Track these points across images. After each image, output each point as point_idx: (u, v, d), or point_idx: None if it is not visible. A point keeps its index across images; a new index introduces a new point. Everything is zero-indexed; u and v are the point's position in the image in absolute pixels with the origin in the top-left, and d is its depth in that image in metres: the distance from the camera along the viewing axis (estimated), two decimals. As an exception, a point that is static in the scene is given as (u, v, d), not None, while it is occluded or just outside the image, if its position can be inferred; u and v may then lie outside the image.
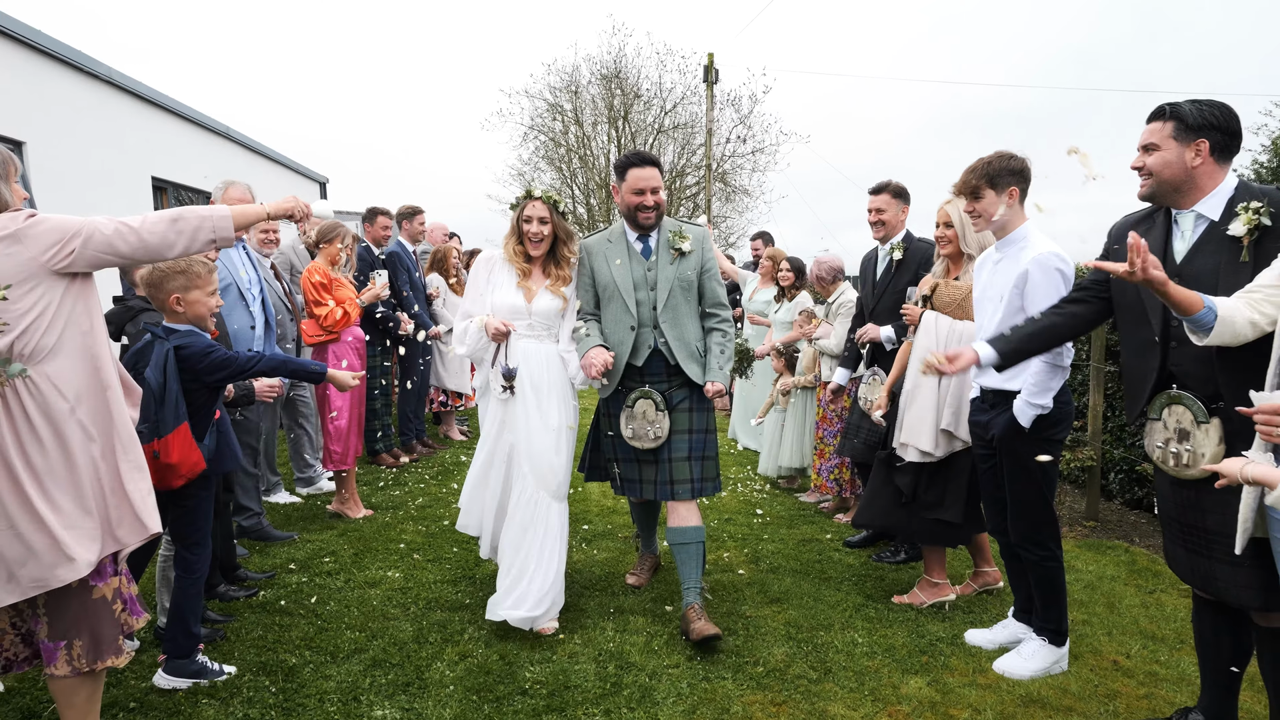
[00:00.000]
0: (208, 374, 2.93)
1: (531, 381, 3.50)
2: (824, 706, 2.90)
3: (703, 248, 3.66)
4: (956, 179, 3.36)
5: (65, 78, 8.59)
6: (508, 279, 3.59)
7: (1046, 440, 3.07)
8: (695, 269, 3.63)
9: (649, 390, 3.56)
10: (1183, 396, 2.41)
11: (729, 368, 3.67)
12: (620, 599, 3.87)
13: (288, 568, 4.20)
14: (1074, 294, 2.85)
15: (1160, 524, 2.68)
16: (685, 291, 3.61)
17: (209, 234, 2.44)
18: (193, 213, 2.42)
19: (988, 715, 2.86)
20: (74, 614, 2.31)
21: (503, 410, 3.53)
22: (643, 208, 3.52)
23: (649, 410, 3.54)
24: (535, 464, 3.48)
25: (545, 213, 3.54)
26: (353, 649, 3.29)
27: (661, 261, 3.60)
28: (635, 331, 3.57)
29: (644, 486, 3.66)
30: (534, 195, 3.56)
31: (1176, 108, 2.50)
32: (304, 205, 2.84)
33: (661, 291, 3.57)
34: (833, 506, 5.46)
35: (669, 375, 3.61)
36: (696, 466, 3.61)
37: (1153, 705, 2.96)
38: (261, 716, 2.78)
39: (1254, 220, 2.36)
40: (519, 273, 3.57)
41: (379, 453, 6.45)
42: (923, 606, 3.81)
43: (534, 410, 3.49)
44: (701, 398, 3.65)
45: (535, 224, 3.52)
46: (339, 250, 5.06)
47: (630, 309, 3.56)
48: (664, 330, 3.57)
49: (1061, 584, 3.19)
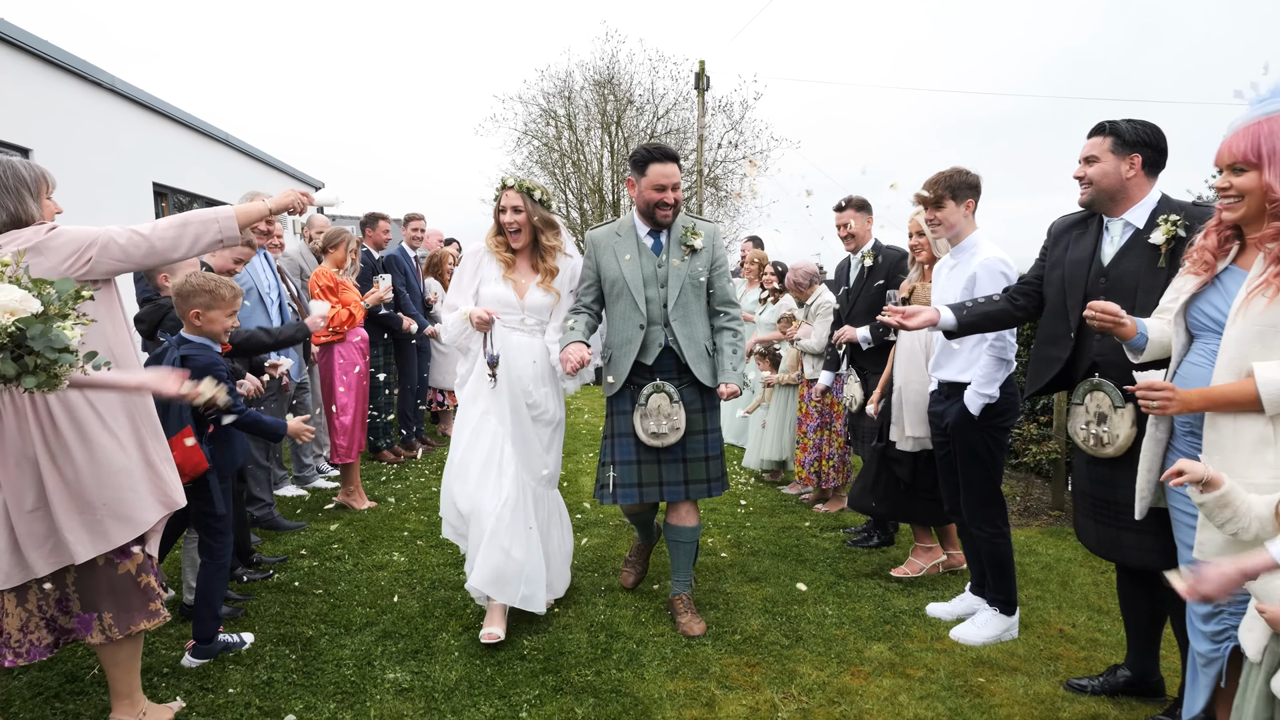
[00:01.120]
0: None
1: (523, 374, 3.50)
2: (793, 667, 3.21)
3: (714, 245, 3.60)
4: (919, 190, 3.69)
5: (67, 85, 8.82)
6: (494, 272, 3.56)
7: (993, 427, 3.40)
8: (707, 266, 3.56)
9: (660, 384, 3.48)
10: (1103, 384, 2.73)
11: (742, 368, 3.61)
12: (610, 579, 4.17)
13: (299, 553, 4.49)
14: (1019, 287, 3.18)
15: (1073, 499, 3.00)
16: (696, 289, 3.54)
17: (215, 234, 2.63)
18: (198, 215, 2.63)
19: (940, 674, 3.17)
20: (101, 589, 2.52)
21: (491, 399, 3.48)
22: (662, 205, 3.44)
23: (664, 404, 3.46)
24: (526, 456, 3.51)
25: (519, 201, 3.47)
26: (364, 623, 3.58)
27: (673, 258, 3.51)
28: (645, 330, 3.49)
29: (644, 490, 3.56)
30: (508, 185, 3.50)
31: (1115, 125, 2.84)
32: (302, 198, 2.98)
33: (673, 289, 3.49)
34: (813, 498, 5.78)
35: (679, 374, 3.55)
36: (714, 466, 3.60)
37: (1090, 666, 3.28)
38: (285, 679, 3.07)
39: (1171, 231, 2.69)
40: (502, 264, 3.54)
41: (380, 449, 6.74)
42: (919, 574, 4.20)
43: (524, 403, 3.50)
44: (709, 397, 3.61)
45: (509, 214, 3.48)
46: (344, 255, 5.35)
47: (640, 306, 3.48)
48: (675, 329, 3.50)
49: (1009, 558, 3.51)
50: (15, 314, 1.90)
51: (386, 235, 6.68)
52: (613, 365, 3.61)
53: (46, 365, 1.89)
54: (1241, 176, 2.24)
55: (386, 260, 6.65)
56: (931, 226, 3.68)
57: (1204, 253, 2.39)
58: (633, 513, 3.81)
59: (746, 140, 23.18)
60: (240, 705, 2.87)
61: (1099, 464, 2.80)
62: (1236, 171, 2.24)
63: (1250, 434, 2.26)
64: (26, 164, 2.52)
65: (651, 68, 29.25)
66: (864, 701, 2.95)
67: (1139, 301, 2.69)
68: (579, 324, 3.52)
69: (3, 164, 2.46)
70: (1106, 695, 3.01)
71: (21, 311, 1.90)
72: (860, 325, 4.69)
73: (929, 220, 3.66)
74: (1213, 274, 2.39)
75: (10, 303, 1.90)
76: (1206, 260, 2.38)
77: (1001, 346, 3.30)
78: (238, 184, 13.41)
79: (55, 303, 1.97)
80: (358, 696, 2.95)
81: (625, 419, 3.56)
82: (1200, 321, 2.43)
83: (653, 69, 28.61)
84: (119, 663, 2.63)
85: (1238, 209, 2.27)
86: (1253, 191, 2.21)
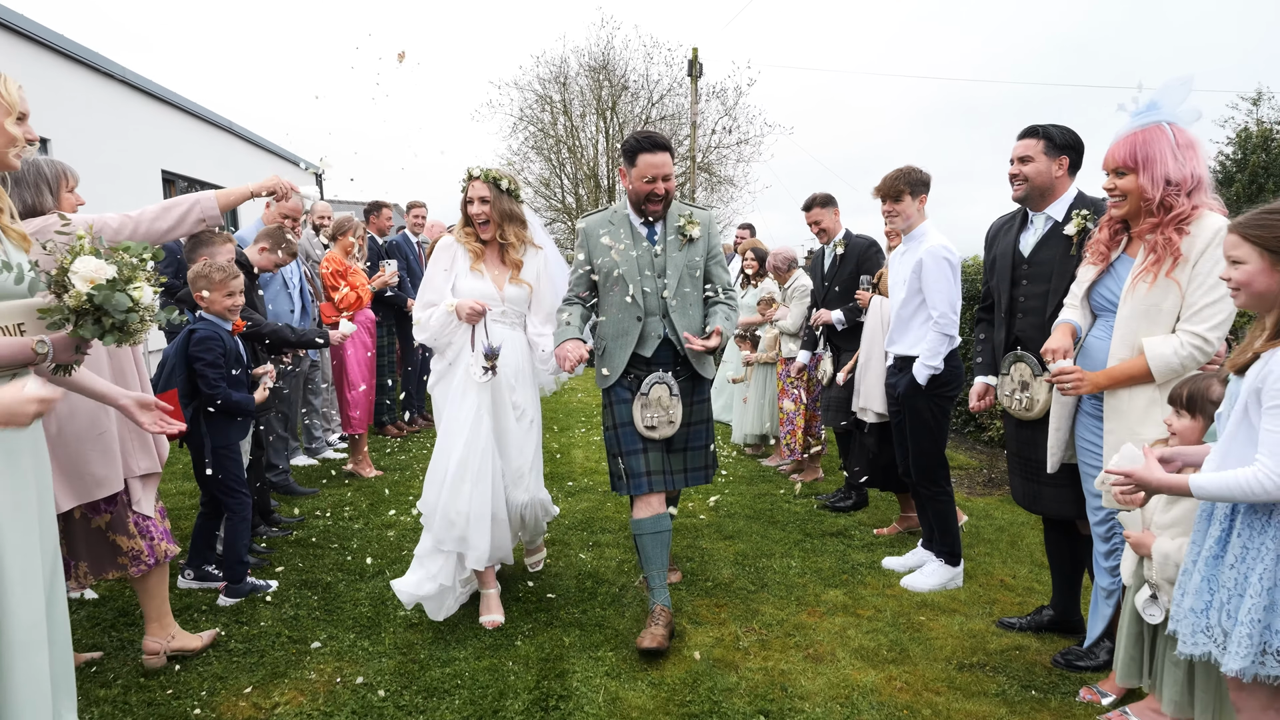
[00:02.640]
0: (194, 360, 3.51)
1: (506, 368, 3.41)
2: (757, 608, 3.63)
3: (710, 232, 3.47)
4: (878, 184, 4.08)
5: (81, 77, 9.17)
6: (466, 265, 3.47)
7: (939, 396, 3.82)
8: (704, 254, 3.44)
9: (663, 376, 3.36)
10: (1025, 356, 3.14)
11: (732, 332, 3.47)
12: (597, 536, 4.59)
13: (314, 514, 4.90)
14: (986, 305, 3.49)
15: (1006, 461, 3.42)
16: (693, 279, 3.41)
17: (198, 214, 2.91)
18: (183, 199, 2.96)
19: (887, 614, 3.59)
20: (78, 539, 2.86)
21: (480, 395, 3.37)
22: (652, 197, 3.31)
23: (664, 396, 3.35)
24: (506, 452, 3.45)
25: (485, 192, 3.38)
26: (376, 571, 4.00)
27: (670, 247, 3.38)
28: (642, 322, 3.35)
29: (652, 479, 3.41)
30: (474, 175, 3.41)
31: (1046, 129, 3.23)
32: (286, 184, 3.28)
33: (671, 279, 3.35)
34: (790, 468, 6.20)
35: (677, 365, 3.45)
36: (710, 455, 3.61)
37: (1023, 610, 3.69)
38: (309, 615, 3.49)
39: (1081, 224, 3.09)
40: (471, 254, 3.45)
41: (385, 424, 7.15)
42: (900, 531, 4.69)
43: (506, 398, 3.43)
44: (703, 390, 3.56)
45: (476, 204, 3.39)
46: (352, 242, 5.74)
47: (636, 297, 3.34)
48: (674, 319, 3.36)
49: (952, 514, 3.93)
50: (93, 282, 2.26)
51: (389, 222, 7.06)
52: (608, 358, 3.43)
53: (120, 324, 2.25)
54: (1123, 179, 2.64)
55: (390, 246, 7.03)
56: (890, 218, 4.07)
57: (1099, 245, 2.80)
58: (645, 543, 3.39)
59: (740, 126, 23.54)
60: (272, 635, 3.29)
61: (1024, 427, 3.21)
62: (1119, 174, 2.65)
63: (1142, 398, 2.69)
64: (50, 161, 2.85)
65: (646, 54, 29.52)
66: (816, 635, 3.38)
67: (1054, 285, 3.10)
68: (574, 317, 3.41)
69: (27, 160, 2.80)
70: (1031, 631, 3.43)
71: (98, 279, 2.27)
72: (834, 308, 5.10)
73: (888, 211, 4.05)
74: (1107, 262, 2.79)
75: (89, 271, 2.25)
76: (1101, 251, 2.79)
77: (945, 324, 3.71)
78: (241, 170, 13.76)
79: (127, 267, 2.32)
80: (374, 629, 3.38)
81: (625, 408, 3.41)
82: (1100, 303, 2.85)
83: (647, 55, 28.91)
84: (147, 591, 3.02)
85: (1122, 206, 2.68)
86: (1132, 191, 2.62)
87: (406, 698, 2.83)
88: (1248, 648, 1.90)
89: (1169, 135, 2.62)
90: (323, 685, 2.93)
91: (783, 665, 3.11)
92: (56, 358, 2.16)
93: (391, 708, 2.77)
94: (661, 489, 3.43)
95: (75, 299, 2.12)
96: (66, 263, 2.14)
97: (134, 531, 2.90)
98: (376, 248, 6.84)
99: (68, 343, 2.16)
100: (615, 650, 3.21)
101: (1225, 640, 1.96)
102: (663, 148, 3.29)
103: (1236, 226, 1.97)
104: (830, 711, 2.78)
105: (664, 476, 3.44)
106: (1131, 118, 2.64)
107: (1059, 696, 2.90)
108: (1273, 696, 1.95)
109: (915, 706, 2.82)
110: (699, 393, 3.54)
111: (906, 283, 3.85)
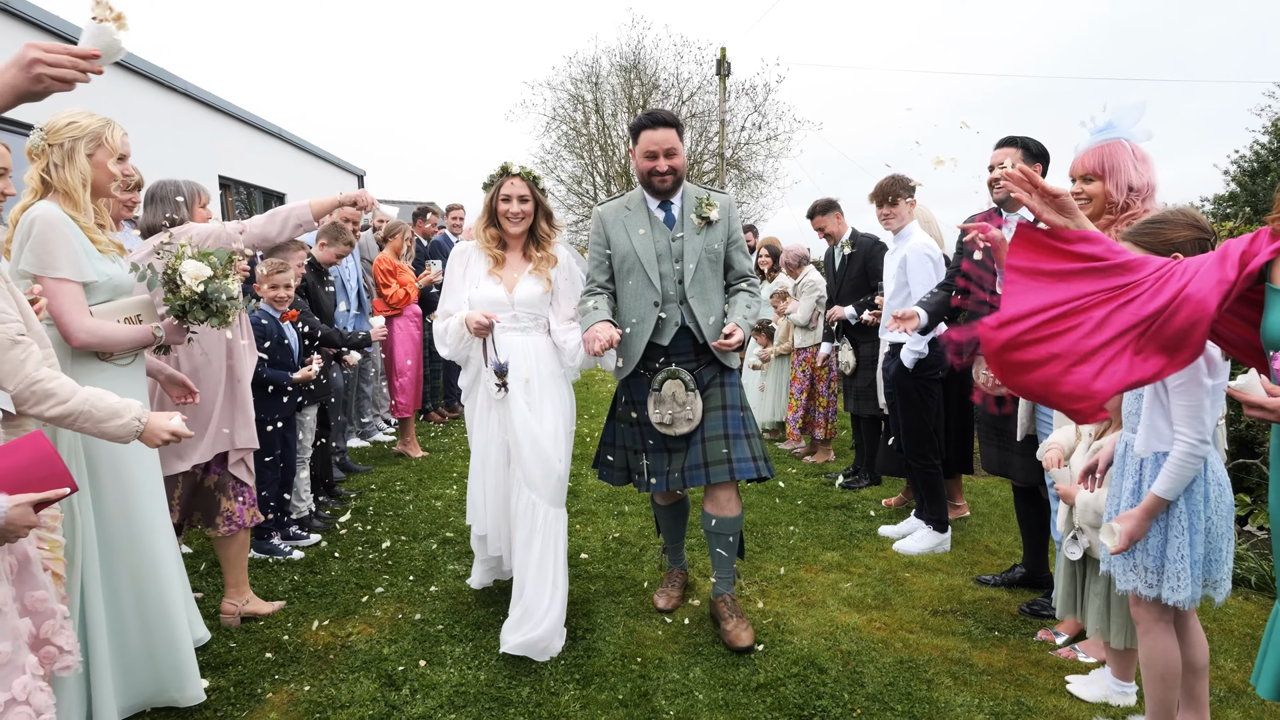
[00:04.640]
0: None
1: (520, 379, 3.21)
2: (760, 565, 4.12)
3: (729, 216, 3.37)
4: (873, 190, 4.53)
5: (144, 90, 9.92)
6: (482, 268, 3.35)
7: (924, 378, 4.26)
8: (723, 239, 3.34)
9: (676, 370, 3.26)
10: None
11: (752, 322, 3.36)
12: (620, 505, 5.11)
13: (369, 488, 5.49)
14: (947, 281, 3.99)
15: (978, 433, 3.86)
16: (713, 264, 3.32)
17: (295, 220, 3.32)
18: (282, 209, 3.45)
19: (876, 571, 4.05)
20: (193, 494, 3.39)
21: (496, 411, 3.25)
22: (655, 172, 3.25)
23: (678, 391, 3.24)
24: (528, 469, 3.17)
25: (525, 190, 3.29)
26: (427, 534, 4.56)
27: (688, 231, 3.30)
28: (659, 308, 3.27)
29: (670, 478, 3.32)
30: (511, 172, 3.30)
31: (1024, 140, 3.66)
32: (370, 197, 3.77)
33: (689, 263, 3.26)
34: (804, 450, 6.66)
35: (696, 354, 3.32)
36: (738, 445, 3.26)
37: (1000, 570, 4.13)
38: (371, 567, 4.06)
39: None
40: (491, 260, 3.33)
41: (429, 411, 7.75)
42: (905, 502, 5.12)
43: (525, 410, 3.18)
44: (727, 374, 3.36)
45: (515, 203, 3.28)
46: (401, 243, 6.32)
47: (654, 283, 3.26)
48: (692, 306, 3.27)
49: (940, 485, 4.37)
50: (198, 278, 2.82)
51: (434, 226, 7.64)
52: (624, 346, 3.35)
53: (220, 310, 2.82)
54: (1091, 184, 3.07)
55: (433, 246, 7.61)
56: (884, 220, 4.52)
57: None
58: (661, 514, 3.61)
59: (769, 122, 23.88)
60: (341, 582, 3.86)
61: (1001, 402, 3.65)
62: (1087, 180, 3.07)
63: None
64: (187, 182, 3.43)
65: (676, 53, 30.02)
66: (810, 587, 3.85)
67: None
68: (601, 303, 3.32)
69: (171, 183, 3.40)
70: (1004, 586, 3.87)
71: (203, 276, 2.83)
72: (846, 304, 5.54)
73: (882, 214, 4.50)
74: None
75: (193, 270, 2.83)
76: None
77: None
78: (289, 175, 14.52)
79: (219, 266, 2.88)
80: (427, 577, 3.94)
81: (642, 408, 3.36)
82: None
83: (677, 54, 29.36)
84: (228, 559, 3.50)
85: (1087, 209, 3.11)
86: (1098, 196, 3.05)
87: (458, 630, 3.37)
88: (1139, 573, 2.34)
89: (1129, 149, 3.05)
90: (387, 620, 3.48)
91: (778, 609, 3.59)
92: (168, 339, 2.75)
93: (445, 636, 3.31)
94: (664, 488, 3.35)
95: (188, 291, 2.69)
96: (176, 265, 2.71)
97: (231, 495, 3.46)
98: (422, 249, 7.43)
99: (176, 328, 2.75)
100: (635, 597, 3.72)
101: (1148, 575, 2.39)
102: (663, 123, 3.24)
103: (1129, 235, 2.40)
104: (815, 643, 3.26)
105: (683, 474, 3.31)
106: (1092, 134, 3.07)
107: (1018, 636, 3.35)
108: (1162, 610, 2.39)
109: (889, 641, 3.29)
110: (720, 379, 3.35)
111: (895, 277, 4.30)
